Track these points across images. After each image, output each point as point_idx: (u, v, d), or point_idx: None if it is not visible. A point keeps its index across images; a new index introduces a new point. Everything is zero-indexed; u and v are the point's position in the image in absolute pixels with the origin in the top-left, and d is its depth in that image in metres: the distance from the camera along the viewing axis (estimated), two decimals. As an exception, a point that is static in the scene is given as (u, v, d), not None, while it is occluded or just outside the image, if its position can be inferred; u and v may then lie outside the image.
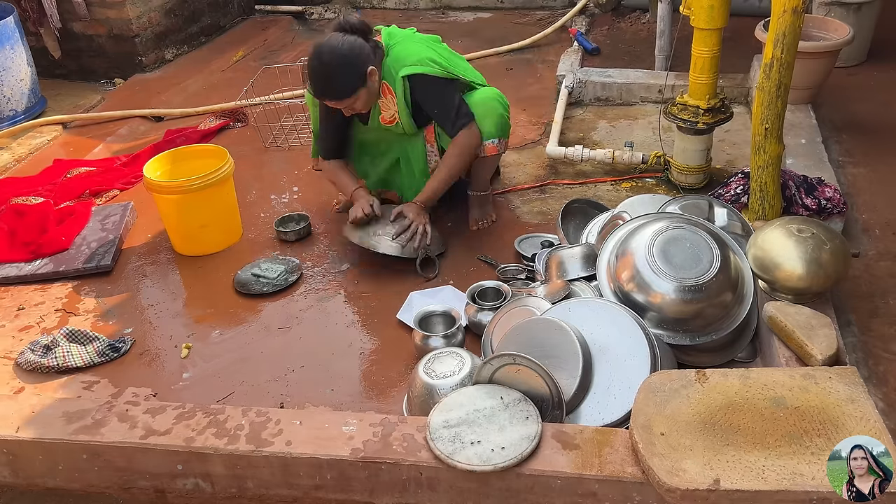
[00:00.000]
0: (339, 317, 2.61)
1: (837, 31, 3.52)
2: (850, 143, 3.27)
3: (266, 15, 5.64)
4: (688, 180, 3.11)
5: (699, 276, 2.15)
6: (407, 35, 2.80)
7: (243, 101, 3.94)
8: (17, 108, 4.11)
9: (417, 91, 2.71)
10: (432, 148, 2.89)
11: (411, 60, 2.68)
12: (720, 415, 1.77)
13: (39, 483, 2.08)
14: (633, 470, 1.73)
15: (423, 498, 1.86)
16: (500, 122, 2.79)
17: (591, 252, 2.45)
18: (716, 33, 2.85)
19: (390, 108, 2.76)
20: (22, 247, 2.97)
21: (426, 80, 2.68)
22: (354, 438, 1.89)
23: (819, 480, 1.60)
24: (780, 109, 2.42)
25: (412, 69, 2.66)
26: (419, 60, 2.67)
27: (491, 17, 5.36)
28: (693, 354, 2.21)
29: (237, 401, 2.28)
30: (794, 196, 2.60)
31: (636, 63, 4.21)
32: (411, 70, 2.66)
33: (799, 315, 2.04)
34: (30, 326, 2.64)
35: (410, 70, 2.66)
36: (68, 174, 3.56)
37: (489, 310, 2.41)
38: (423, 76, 2.67)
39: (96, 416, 2.03)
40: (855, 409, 1.75)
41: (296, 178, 3.48)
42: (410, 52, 2.70)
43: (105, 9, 4.52)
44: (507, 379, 1.94)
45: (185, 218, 2.91)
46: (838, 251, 2.13)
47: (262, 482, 1.94)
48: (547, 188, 3.24)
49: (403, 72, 2.67)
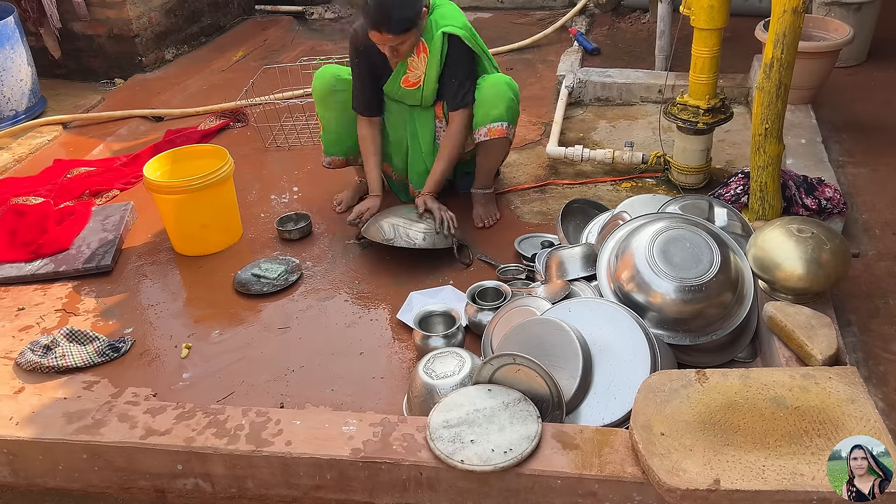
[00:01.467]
0: (339, 317, 2.61)
1: (837, 31, 3.52)
2: (850, 143, 3.27)
3: (266, 15, 5.65)
4: (688, 180, 3.11)
5: (699, 277, 2.15)
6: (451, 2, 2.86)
7: (243, 101, 3.94)
8: (18, 108, 4.11)
9: (451, 52, 2.74)
10: (440, 123, 2.92)
11: (457, 22, 2.73)
12: (720, 415, 1.77)
13: (39, 483, 2.08)
14: (633, 470, 1.73)
15: (423, 498, 1.86)
16: (510, 106, 2.81)
17: (591, 252, 2.45)
18: (716, 33, 2.85)
19: (418, 69, 2.78)
20: (22, 247, 2.97)
21: (462, 46, 2.74)
22: (354, 438, 1.89)
23: (819, 480, 1.60)
24: (780, 109, 2.42)
25: (455, 30, 2.71)
26: (464, 25, 2.75)
27: (491, 17, 5.36)
28: (693, 354, 2.21)
29: (237, 401, 2.28)
30: (794, 196, 2.60)
31: (636, 63, 4.21)
32: (454, 30, 2.71)
33: (799, 315, 2.04)
34: (30, 326, 2.64)
35: (453, 30, 2.71)
36: (68, 174, 3.56)
37: (489, 310, 2.41)
38: (461, 40, 2.73)
39: (96, 416, 2.03)
40: (855, 409, 1.75)
41: (296, 178, 3.48)
42: (456, 16, 2.77)
43: (105, 9, 4.52)
44: (507, 379, 1.94)
45: (185, 218, 2.91)
46: (838, 251, 2.13)
47: (262, 482, 1.94)
48: (547, 188, 3.25)
49: (446, 29, 2.71)
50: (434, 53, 2.73)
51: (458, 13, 2.80)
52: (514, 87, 2.85)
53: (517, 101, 2.86)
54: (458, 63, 2.76)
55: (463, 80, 2.77)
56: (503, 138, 2.84)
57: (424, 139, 2.94)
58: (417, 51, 2.75)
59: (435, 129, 2.93)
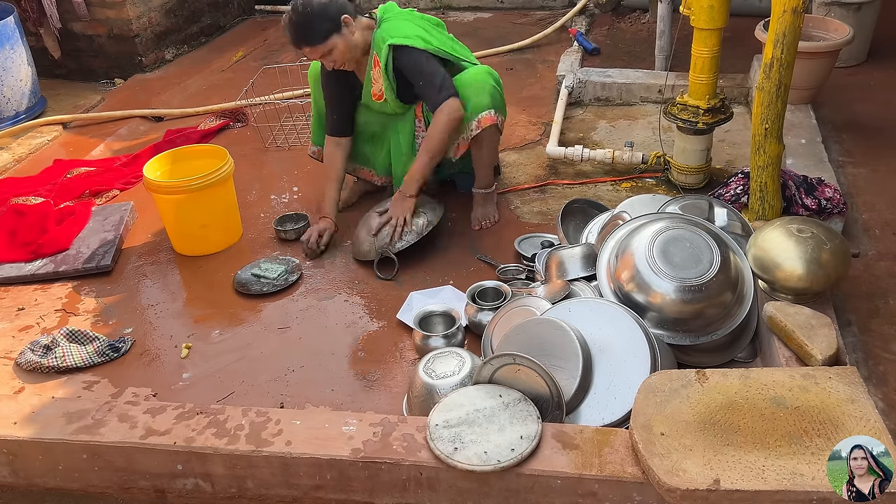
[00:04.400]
0: (339, 317, 2.61)
1: (837, 31, 3.52)
2: (850, 143, 3.27)
3: (266, 15, 5.65)
4: (688, 180, 3.11)
5: (699, 276, 2.15)
6: (402, 13, 2.86)
7: (243, 101, 3.94)
8: (18, 108, 4.11)
9: (401, 61, 2.75)
10: (420, 123, 2.92)
11: (399, 34, 2.73)
12: (720, 415, 1.77)
13: (39, 483, 2.08)
14: (633, 470, 1.74)
15: (423, 498, 1.86)
16: (492, 93, 2.79)
17: (591, 252, 2.45)
18: (716, 33, 2.85)
19: (378, 81, 2.80)
20: (22, 247, 2.97)
21: (410, 51, 2.73)
22: (354, 438, 1.89)
23: (819, 480, 1.60)
24: (780, 109, 2.42)
25: (398, 40, 2.72)
26: (406, 36, 2.73)
27: (491, 17, 5.36)
28: (693, 354, 2.21)
29: (237, 401, 2.28)
30: (794, 196, 2.60)
31: (636, 63, 4.21)
32: (396, 41, 2.72)
33: (799, 315, 2.04)
34: (30, 326, 2.64)
35: (396, 41, 2.72)
36: (68, 174, 3.56)
37: (489, 310, 2.41)
38: (407, 48, 2.73)
39: (96, 416, 2.03)
40: (855, 409, 1.75)
41: (296, 178, 3.48)
42: (400, 28, 2.76)
43: (105, 9, 4.52)
44: (507, 379, 1.94)
45: (185, 218, 2.91)
46: (838, 251, 2.13)
47: (262, 482, 1.94)
48: (547, 188, 3.24)
49: (391, 41, 2.72)
50: (382, 66, 2.76)
51: (404, 26, 2.77)
52: (494, 75, 2.84)
53: (500, 87, 2.85)
54: (413, 67, 2.74)
55: (430, 79, 2.73)
56: (493, 126, 2.81)
57: (405, 140, 2.95)
58: (375, 63, 2.78)
59: (415, 130, 2.94)
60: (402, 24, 2.78)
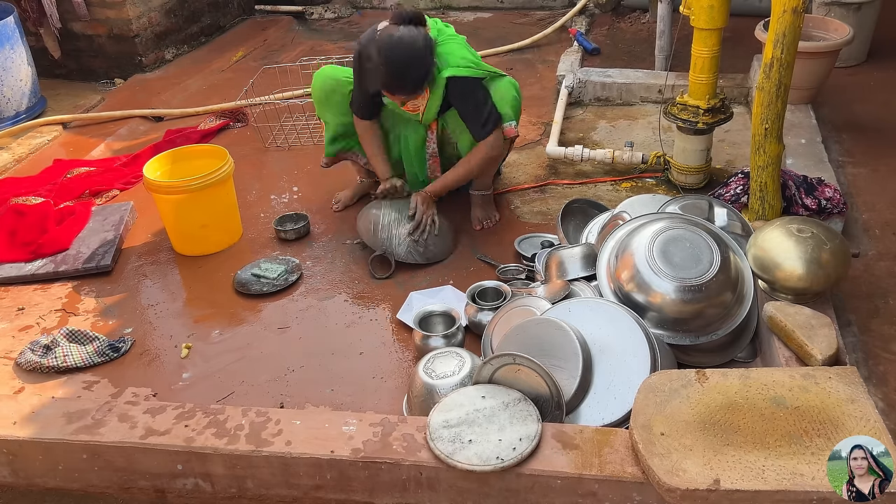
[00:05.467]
0: (339, 317, 2.61)
1: (837, 31, 3.52)
2: (850, 143, 3.27)
3: (266, 15, 5.64)
4: (688, 180, 3.11)
5: (699, 276, 2.15)
6: (450, 34, 2.84)
7: (243, 101, 3.94)
8: (18, 108, 4.11)
9: (455, 91, 2.74)
10: (432, 135, 2.92)
11: (455, 62, 2.71)
12: (720, 415, 1.77)
13: (39, 483, 2.08)
14: (633, 470, 1.73)
15: (423, 498, 1.86)
16: (514, 105, 2.83)
17: (591, 252, 2.45)
18: (716, 33, 2.85)
19: (419, 105, 2.78)
20: (22, 247, 2.97)
21: (466, 82, 2.72)
22: (354, 438, 1.89)
23: (819, 480, 1.60)
24: (780, 109, 2.42)
25: (455, 71, 2.70)
26: (462, 63, 2.72)
27: (491, 17, 5.36)
28: (693, 354, 2.21)
29: (237, 401, 2.28)
30: (794, 196, 2.60)
31: (636, 63, 4.21)
32: (454, 72, 2.70)
33: (799, 315, 2.04)
34: (30, 326, 2.64)
35: (454, 72, 2.70)
36: (68, 174, 3.56)
37: (489, 310, 2.41)
38: (463, 79, 2.71)
39: (96, 416, 2.03)
40: (855, 409, 1.75)
41: (296, 178, 3.48)
42: (454, 53, 2.74)
43: (105, 9, 4.52)
44: (507, 379, 1.94)
45: (185, 218, 2.91)
46: (838, 251, 2.13)
47: (262, 482, 1.94)
48: (547, 188, 3.25)
49: (447, 72, 2.69)
50: (438, 95, 2.74)
51: (456, 50, 2.75)
52: (515, 86, 2.87)
53: (520, 97, 2.88)
54: (468, 98, 2.75)
55: (480, 110, 2.74)
56: (513, 138, 2.90)
57: (413, 143, 2.95)
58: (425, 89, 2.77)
59: (426, 140, 2.94)
60: (454, 48, 2.75)
